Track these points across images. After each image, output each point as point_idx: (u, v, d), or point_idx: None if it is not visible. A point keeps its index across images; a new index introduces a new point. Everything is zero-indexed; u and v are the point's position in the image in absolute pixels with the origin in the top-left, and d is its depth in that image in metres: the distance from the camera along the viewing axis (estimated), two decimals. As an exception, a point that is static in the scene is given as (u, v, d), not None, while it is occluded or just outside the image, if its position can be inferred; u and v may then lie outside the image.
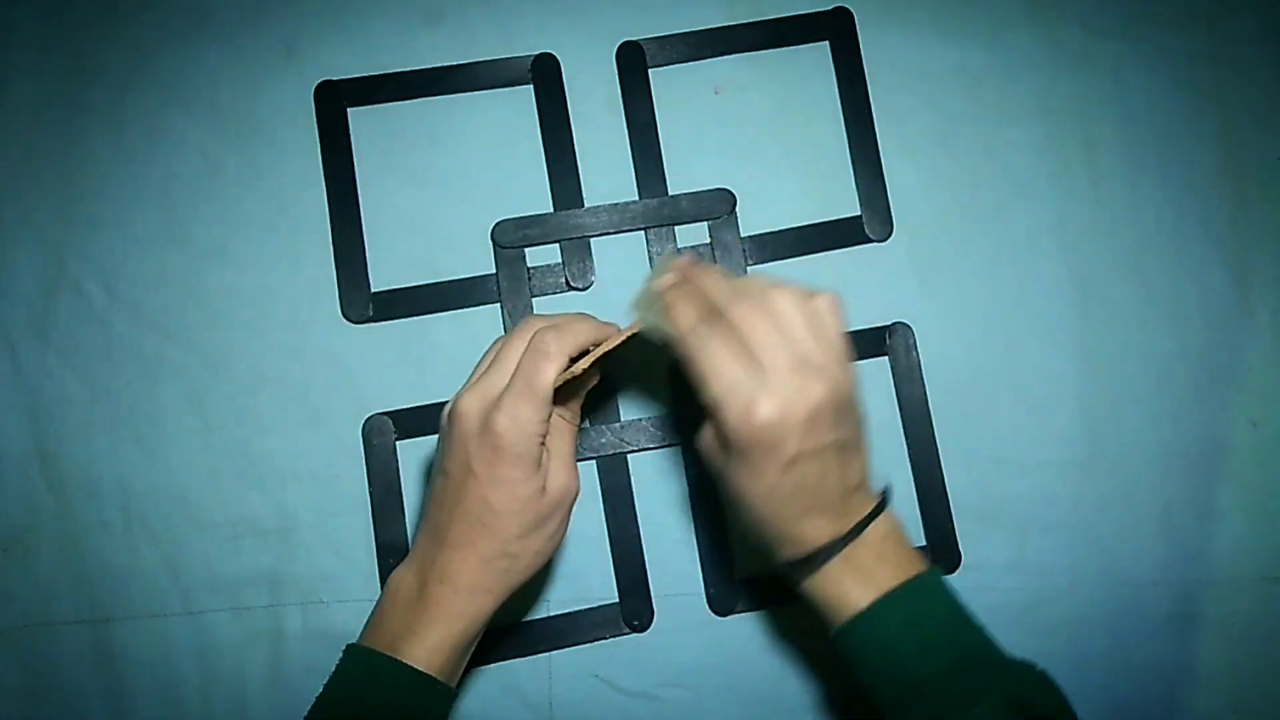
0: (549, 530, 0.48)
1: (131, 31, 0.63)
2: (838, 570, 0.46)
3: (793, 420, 0.42)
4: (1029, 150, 0.63)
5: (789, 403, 0.42)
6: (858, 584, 0.45)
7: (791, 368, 0.42)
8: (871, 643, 0.45)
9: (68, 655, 0.58)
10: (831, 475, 0.44)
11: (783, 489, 0.44)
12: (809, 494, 0.44)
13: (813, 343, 0.43)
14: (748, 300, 0.44)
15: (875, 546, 0.46)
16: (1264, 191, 0.63)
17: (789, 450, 0.42)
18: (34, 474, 0.59)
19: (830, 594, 0.46)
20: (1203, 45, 0.64)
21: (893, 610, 0.45)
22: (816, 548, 0.45)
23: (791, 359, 0.42)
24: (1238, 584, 0.59)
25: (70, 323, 0.60)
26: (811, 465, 0.43)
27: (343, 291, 0.61)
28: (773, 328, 0.43)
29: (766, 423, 0.42)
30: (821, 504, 0.45)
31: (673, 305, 0.46)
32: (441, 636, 0.47)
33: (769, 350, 0.42)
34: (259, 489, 0.59)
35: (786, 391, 0.42)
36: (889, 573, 0.45)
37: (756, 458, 0.43)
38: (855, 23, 0.63)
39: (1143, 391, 0.61)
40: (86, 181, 0.61)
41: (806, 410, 0.42)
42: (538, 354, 0.46)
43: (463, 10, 0.63)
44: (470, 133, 0.62)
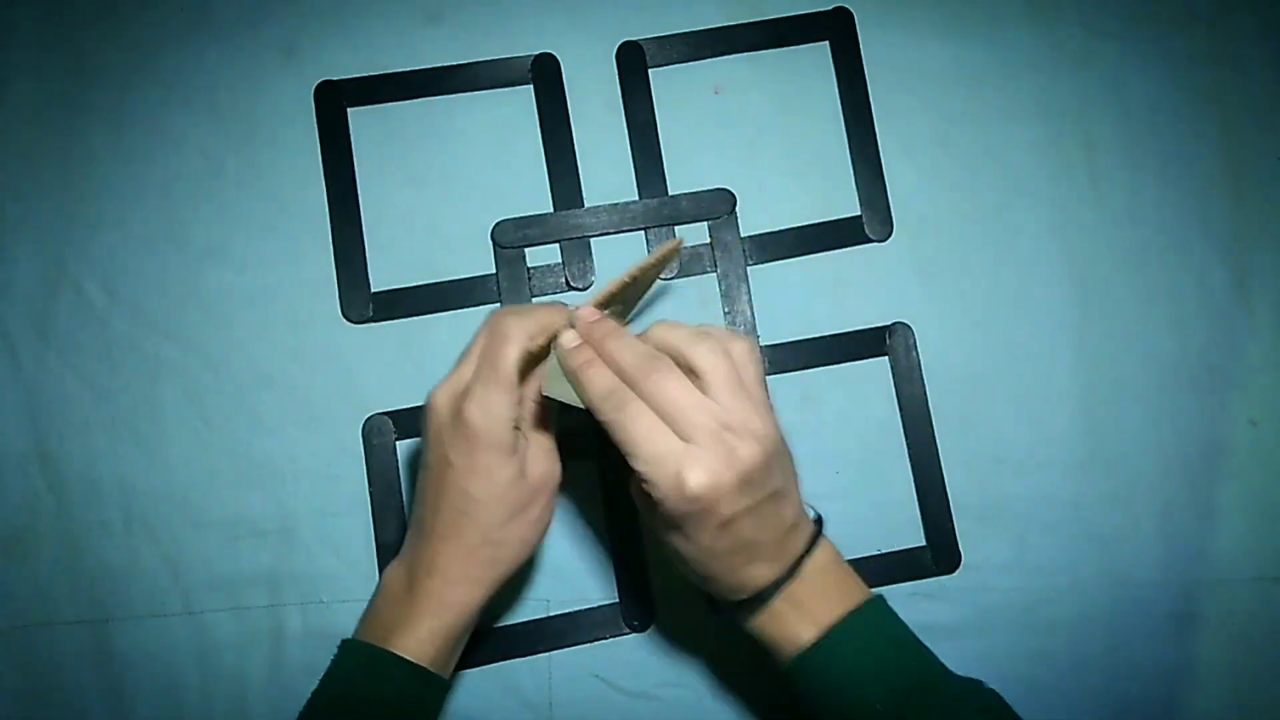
0: (532, 515, 0.48)
1: (131, 31, 0.63)
2: (781, 609, 0.45)
3: (724, 486, 0.41)
4: (1029, 150, 0.63)
5: (718, 471, 0.40)
6: (801, 620, 0.45)
7: (715, 435, 0.41)
8: (819, 678, 0.45)
9: (68, 655, 0.58)
10: (768, 524, 0.44)
11: (719, 548, 0.43)
12: (745, 548, 0.44)
13: (735, 400, 0.42)
14: (658, 370, 0.42)
15: (813, 582, 0.46)
16: (1264, 191, 0.63)
17: (723, 514, 0.42)
18: (34, 474, 0.59)
19: (775, 633, 0.46)
20: (1203, 45, 0.64)
21: (838, 645, 0.45)
22: (756, 590, 0.45)
23: (714, 425, 0.41)
24: (1238, 584, 0.59)
25: (70, 323, 0.60)
26: (746, 523, 0.43)
27: (343, 291, 0.61)
28: (688, 397, 0.41)
29: (697, 494, 0.40)
30: (759, 552, 0.44)
31: (581, 374, 0.44)
32: (432, 628, 0.47)
33: (689, 420, 0.41)
34: (259, 489, 0.59)
35: (714, 460, 0.40)
36: (831, 606, 0.45)
37: (690, 524, 0.42)
38: (855, 23, 0.63)
39: (1143, 391, 0.61)
40: (87, 181, 0.61)
41: (737, 475, 0.41)
42: (497, 337, 0.46)
43: (463, 10, 0.63)
44: (470, 133, 0.62)
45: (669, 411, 0.41)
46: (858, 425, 0.60)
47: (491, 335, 0.46)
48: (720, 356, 0.43)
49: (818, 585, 0.46)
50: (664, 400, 0.41)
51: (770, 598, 0.45)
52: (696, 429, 0.41)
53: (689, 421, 0.41)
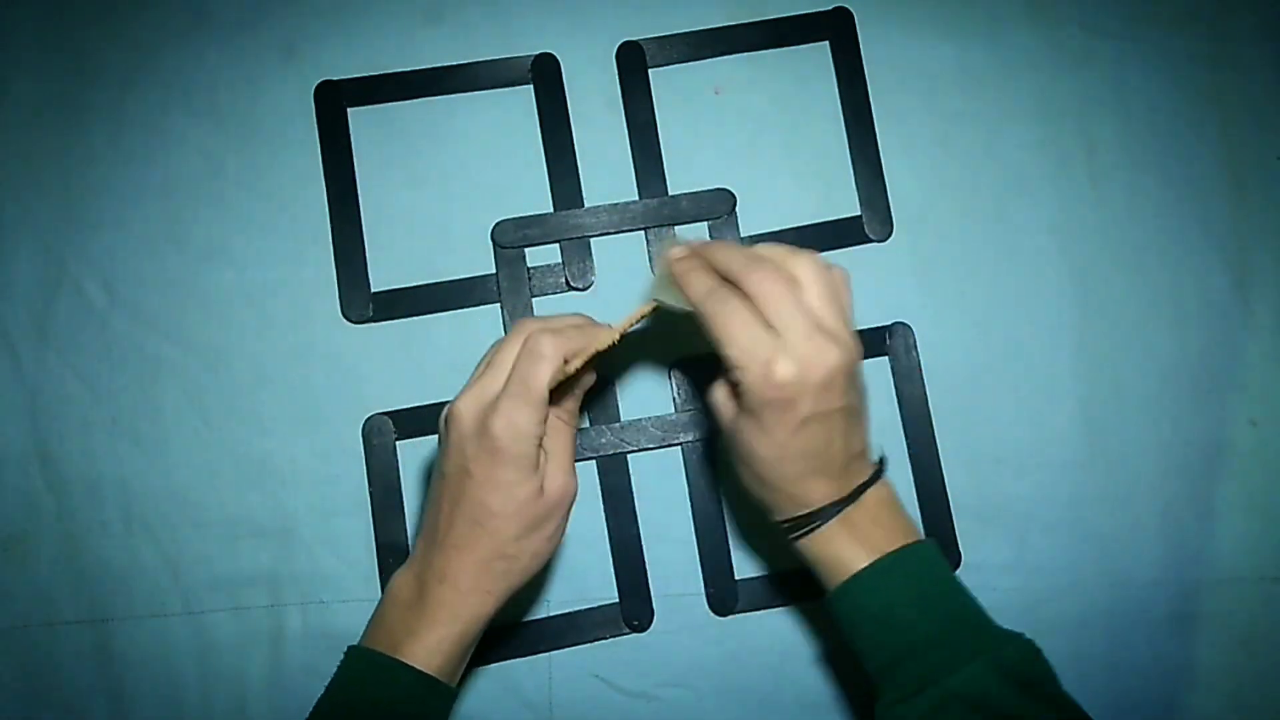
0: (547, 532, 0.48)
1: (131, 32, 0.63)
2: (835, 532, 0.46)
3: (809, 382, 0.42)
4: (1029, 150, 0.63)
5: (806, 365, 0.42)
6: (854, 546, 0.46)
7: (808, 332, 0.42)
8: (865, 605, 0.46)
9: (68, 655, 0.58)
10: (837, 440, 0.45)
11: (791, 448, 0.44)
12: (815, 456, 0.45)
13: (828, 310, 0.44)
14: (762, 268, 0.44)
15: (872, 511, 0.47)
16: (1264, 191, 0.63)
17: (802, 411, 0.43)
18: (34, 474, 0.59)
19: (827, 554, 0.47)
20: (1203, 45, 0.64)
21: (887, 574, 0.46)
22: (816, 508, 0.46)
23: (807, 324, 0.43)
24: (1238, 584, 0.59)
25: (70, 323, 0.60)
26: (820, 427, 0.44)
27: (343, 291, 0.61)
28: (788, 294, 0.43)
29: (784, 382, 0.42)
30: (825, 466, 0.45)
31: (685, 275, 0.46)
32: (441, 637, 0.47)
33: (785, 316, 0.43)
34: (259, 489, 0.59)
35: (804, 353, 0.42)
36: (884, 537, 0.46)
37: (770, 416, 0.43)
38: (855, 23, 0.63)
39: (1142, 391, 0.61)
40: (87, 182, 0.61)
41: (822, 373, 0.42)
42: (533, 356, 0.46)
43: (463, 10, 0.63)
44: (470, 133, 0.62)
45: (768, 304, 0.43)
46: (857, 425, 0.60)
47: (527, 353, 0.46)
48: (820, 269, 0.44)
49: (873, 516, 0.47)
50: (764, 293, 0.43)
51: (828, 518, 0.46)
52: (791, 325, 0.42)
53: (785, 315, 0.43)
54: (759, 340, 0.43)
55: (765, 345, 0.42)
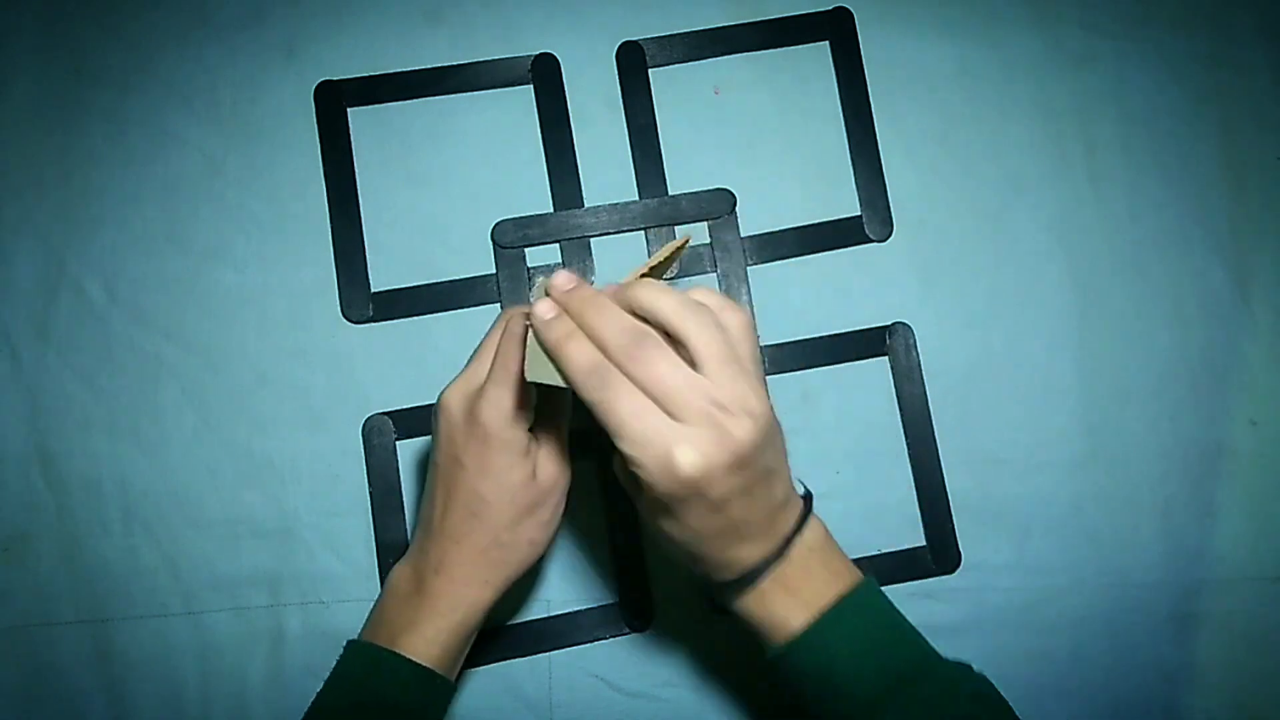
0: (542, 518, 0.48)
1: (132, 31, 0.63)
2: (769, 590, 0.44)
3: (717, 468, 0.39)
4: (1029, 150, 0.63)
5: (710, 452, 0.38)
6: (791, 605, 0.44)
7: (707, 414, 0.38)
8: (808, 664, 0.44)
9: (68, 655, 0.58)
10: (759, 503, 0.42)
11: (708, 528, 0.42)
12: (736, 527, 0.42)
13: (727, 377, 0.39)
14: (644, 347, 0.39)
15: (802, 564, 0.44)
16: (1264, 191, 0.63)
17: (714, 496, 0.40)
18: (34, 474, 0.59)
19: (764, 616, 0.45)
20: (1203, 45, 0.64)
21: (827, 631, 0.44)
22: (745, 570, 0.44)
23: (706, 404, 0.39)
24: (1238, 584, 0.59)
25: (70, 323, 0.60)
26: (738, 502, 0.41)
27: (343, 291, 0.61)
28: (677, 373, 0.39)
29: (688, 476, 0.38)
30: (749, 531, 0.43)
31: (560, 346, 0.40)
32: (439, 629, 0.47)
33: (679, 399, 0.39)
34: (259, 489, 0.59)
35: (705, 441, 0.38)
36: (821, 589, 0.44)
37: (679, 507, 0.40)
38: (855, 23, 0.63)
39: (1143, 391, 0.61)
40: (87, 181, 0.61)
41: (730, 455, 0.39)
42: (512, 338, 0.45)
43: (463, 10, 0.63)
44: (470, 133, 0.62)
45: (657, 391, 0.39)
46: (858, 425, 0.60)
47: (506, 335, 0.46)
48: (713, 331, 0.40)
49: (807, 567, 0.44)
50: (651, 379, 0.39)
51: (759, 578, 0.44)
52: (687, 408, 0.38)
53: (679, 401, 0.38)
54: (654, 431, 0.38)
55: (661, 437, 0.38)
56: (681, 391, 0.38)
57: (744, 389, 0.39)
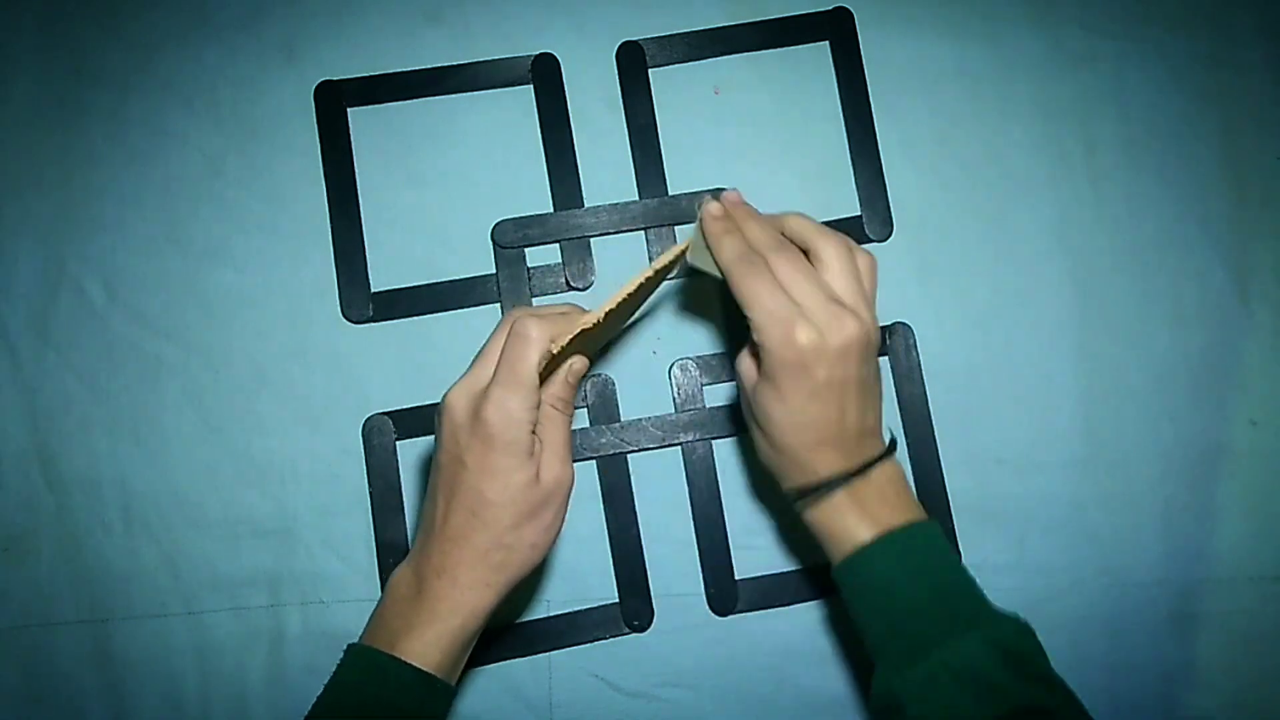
0: (545, 521, 0.48)
1: (132, 32, 0.63)
2: (843, 503, 0.47)
3: (826, 347, 0.45)
4: (1029, 150, 0.63)
5: (824, 331, 0.45)
6: (860, 519, 0.47)
7: (825, 304, 0.45)
8: (867, 577, 0.47)
9: (68, 655, 0.58)
10: (850, 411, 0.47)
11: (806, 414, 0.46)
12: (827, 424, 0.46)
13: (848, 286, 0.47)
14: (784, 252, 0.47)
15: (879, 488, 0.48)
16: (1264, 191, 0.63)
17: (818, 376, 0.45)
18: (34, 474, 0.59)
19: (834, 526, 0.48)
20: (1203, 45, 0.64)
21: (889, 548, 0.47)
22: (825, 478, 0.47)
23: (825, 297, 0.46)
24: (1238, 584, 0.59)
25: (70, 323, 0.60)
26: (834, 395, 0.46)
27: (343, 291, 0.61)
28: (808, 276, 0.46)
29: (803, 346, 0.44)
30: (836, 437, 0.47)
31: (718, 237, 0.48)
32: (440, 632, 0.47)
33: (804, 291, 0.46)
34: (259, 489, 0.59)
35: (822, 321, 0.45)
36: (890, 514, 0.47)
37: (787, 380, 0.45)
38: (855, 23, 0.63)
39: (1142, 391, 0.61)
40: (87, 181, 0.61)
41: (839, 341, 0.45)
42: (519, 340, 0.46)
43: (463, 10, 0.63)
44: (470, 133, 0.62)
45: (790, 281, 0.46)
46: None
47: (513, 337, 0.46)
48: (844, 251, 0.47)
49: (880, 491, 0.48)
50: (787, 273, 0.46)
51: (835, 488, 0.47)
52: (811, 299, 0.45)
53: (805, 291, 0.46)
54: (782, 305, 0.45)
55: (788, 312, 0.45)
56: (809, 286, 0.46)
57: (859, 299, 0.47)
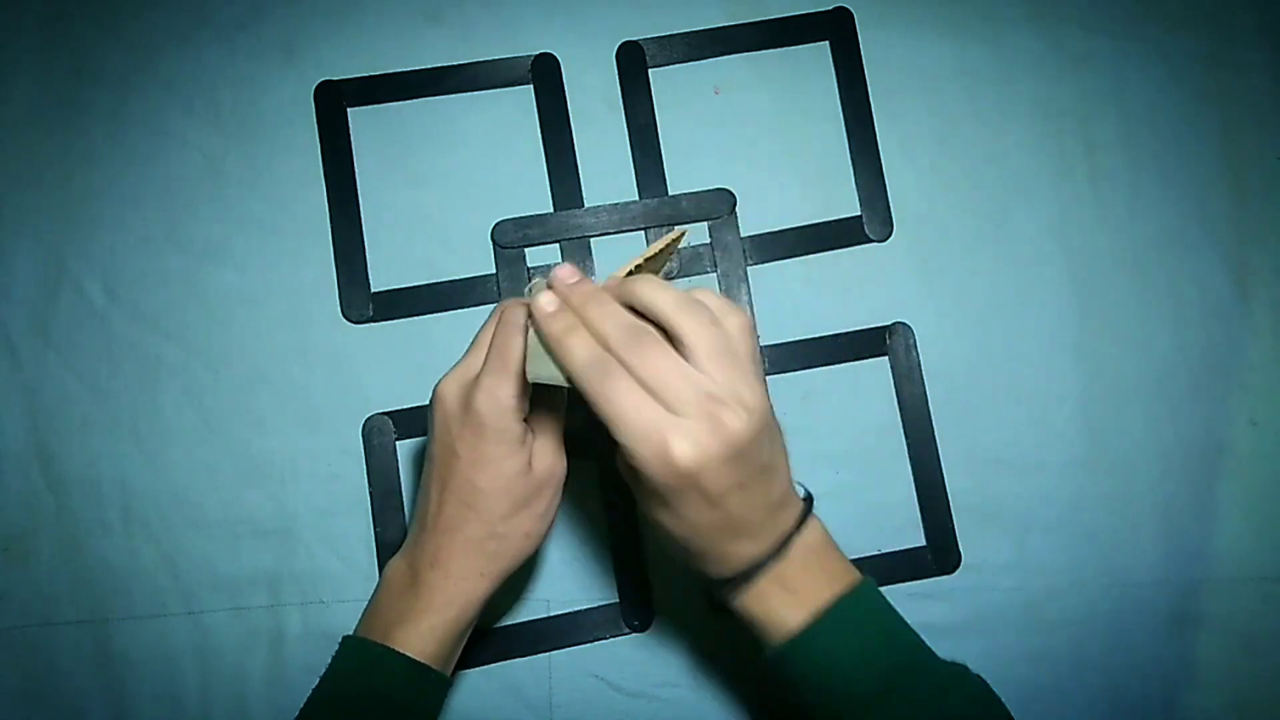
0: (538, 510, 0.48)
1: (132, 32, 0.63)
2: (768, 589, 0.44)
3: (712, 459, 0.39)
4: (1029, 150, 0.63)
5: (704, 443, 0.39)
6: (789, 604, 0.44)
7: (701, 406, 0.39)
8: (806, 663, 0.44)
9: (68, 655, 0.58)
10: (756, 500, 0.42)
11: (705, 523, 0.42)
12: (733, 523, 0.42)
13: (722, 371, 0.40)
14: (641, 342, 0.40)
15: (802, 561, 0.44)
16: (1264, 191, 0.63)
17: (710, 489, 0.40)
18: (34, 474, 0.59)
19: (761, 615, 0.44)
20: (1203, 45, 0.64)
21: (825, 631, 0.43)
22: (741, 569, 0.44)
23: (700, 396, 0.39)
24: (1238, 584, 0.59)
25: (70, 323, 0.60)
26: (734, 497, 0.41)
27: (343, 291, 0.61)
28: (674, 366, 0.40)
29: (683, 468, 0.39)
30: (747, 528, 0.43)
31: (561, 339, 0.41)
32: (434, 623, 0.47)
33: (673, 391, 0.39)
34: (259, 489, 0.59)
35: (700, 432, 0.39)
36: (819, 589, 0.44)
37: (676, 499, 0.41)
38: (855, 23, 0.63)
39: (1142, 391, 0.61)
40: (87, 181, 0.61)
41: (725, 447, 0.39)
42: (507, 327, 0.45)
43: (463, 10, 0.63)
44: (470, 133, 0.62)
45: (654, 384, 0.39)
46: (858, 425, 0.60)
47: (502, 325, 0.46)
48: (708, 326, 0.41)
49: (805, 567, 0.44)
50: (648, 373, 0.39)
51: (756, 576, 0.44)
52: (681, 401, 0.39)
53: (673, 392, 0.39)
54: (651, 423, 0.39)
55: (657, 429, 0.39)
56: (677, 384, 0.39)
57: (738, 383, 0.40)
